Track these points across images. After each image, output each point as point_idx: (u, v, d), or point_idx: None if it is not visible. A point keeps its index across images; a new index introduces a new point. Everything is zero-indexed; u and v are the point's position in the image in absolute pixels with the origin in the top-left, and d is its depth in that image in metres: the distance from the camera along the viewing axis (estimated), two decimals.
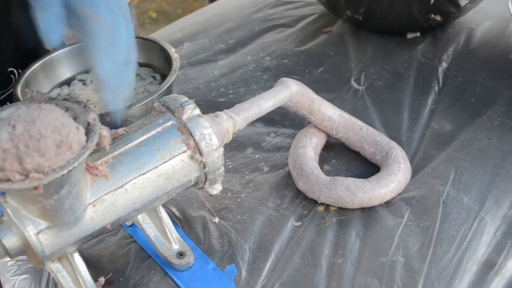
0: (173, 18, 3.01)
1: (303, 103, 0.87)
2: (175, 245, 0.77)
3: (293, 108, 0.88)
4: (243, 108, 0.80)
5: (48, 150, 0.58)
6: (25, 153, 0.58)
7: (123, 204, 0.69)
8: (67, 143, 0.60)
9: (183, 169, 0.72)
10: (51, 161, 0.59)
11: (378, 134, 0.89)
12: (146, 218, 0.77)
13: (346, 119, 0.90)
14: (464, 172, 0.85)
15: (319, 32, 1.22)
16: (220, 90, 1.08)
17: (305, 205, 0.83)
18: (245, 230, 0.80)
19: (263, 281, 0.74)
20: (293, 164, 0.86)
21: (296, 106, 0.87)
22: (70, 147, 0.60)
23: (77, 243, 0.68)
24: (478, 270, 0.73)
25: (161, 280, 0.76)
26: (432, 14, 1.10)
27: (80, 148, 0.61)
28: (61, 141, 0.59)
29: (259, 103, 0.82)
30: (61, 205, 0.63)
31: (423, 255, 0.75)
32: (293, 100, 0.85)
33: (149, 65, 1.02)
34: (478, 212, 0.80)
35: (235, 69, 1.13)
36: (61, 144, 0.59)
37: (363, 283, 0.72)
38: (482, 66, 1.06)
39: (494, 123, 0.93)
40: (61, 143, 0.59)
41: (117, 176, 0.68)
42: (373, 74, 1.08)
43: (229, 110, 0.80)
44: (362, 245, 0.77)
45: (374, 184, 0.81)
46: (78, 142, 0.61)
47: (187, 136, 0.72)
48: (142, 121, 0.74)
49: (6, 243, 0.65)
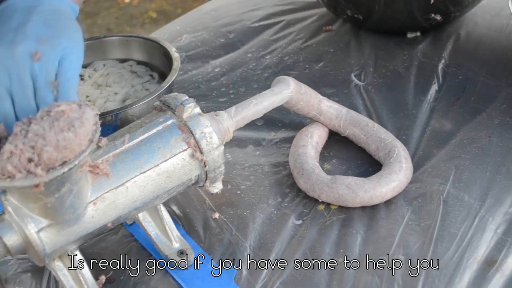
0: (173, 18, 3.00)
1: (312, 103, 0.88)
2: (175, 243, 0.77)
3: (303, 111, 0.89)
4: (243, 106, 0.80)
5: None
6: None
7: (124, 202, 0.69)
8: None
9: (183, 168, 0.72)
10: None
11: (384, 131, 0.89)
12: (147, 217, 0.77)
13: (353, 115, 0.92)
14: (465, 170, 0.86)
15: (319, 31, 1.22)
16: (221, 90, 1.08)
17: (306, 204, 0.83)
18: (245, 228, 0.80)
19: (263, 280, 0.74)
20: (294, 163, 0.86)
21: (307, 107, 0.88)
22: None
23: (78, 241, 0.68)
24: (479, 268, 0.73)
25: (161, 279, 0.76)
26: (432, 13, 1.10)
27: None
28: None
29: (259, 102, 0.82)
30: (62, 203, 0.63)
31: (423, 253, 0.75)
32: (303, 100, 0.87)
33: (147, 63, 1.02)
34: (478, 210, 0.80)
35: (236, 68, 1.13)
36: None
37: (364, 281, 0.72)
38: (482, 65, 1.06)
39: (494, 122, 0.93)
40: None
41: (118, 175, 0.68)
42: (373, 73, 1.08)
43: (229, 108, 0.80)
44: (363, 243, 0.77)
45: (375, 183, 0.81)
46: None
47: (187, 135, 0.72)
48: (142, 120, 0.74)
49: (7, 241, 0.65)
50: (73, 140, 0.60)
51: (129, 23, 3.24)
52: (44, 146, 0.59)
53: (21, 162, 0.58)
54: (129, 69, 1.01)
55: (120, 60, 1.03)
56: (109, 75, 0.99)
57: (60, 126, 0.60)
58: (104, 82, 0.98)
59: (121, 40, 1.03)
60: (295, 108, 0.89)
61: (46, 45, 0.67)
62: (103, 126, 0.65)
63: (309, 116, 0.91)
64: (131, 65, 1.02)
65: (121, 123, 0.85)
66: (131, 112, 0.86)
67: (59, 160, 0.59)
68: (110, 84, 0.98)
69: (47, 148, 0.58)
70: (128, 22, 3.25)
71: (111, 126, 0.85)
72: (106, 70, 1.00)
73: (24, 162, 0.58)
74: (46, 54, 0.66)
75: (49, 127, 0.60)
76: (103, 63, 1.02)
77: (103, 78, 0.99)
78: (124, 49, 1.04)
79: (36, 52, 0.66)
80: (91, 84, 0.98)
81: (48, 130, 0.60)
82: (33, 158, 0.58)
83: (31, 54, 0.66)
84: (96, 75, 0.99)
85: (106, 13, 3.33)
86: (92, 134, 0.62)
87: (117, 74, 0.99)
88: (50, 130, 0.60)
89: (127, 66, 1.02)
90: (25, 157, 0.58)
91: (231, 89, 1.08)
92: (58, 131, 0.60)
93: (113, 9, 3.38)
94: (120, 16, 3.31)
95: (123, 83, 0.98)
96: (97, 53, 1.03)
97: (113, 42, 1.04)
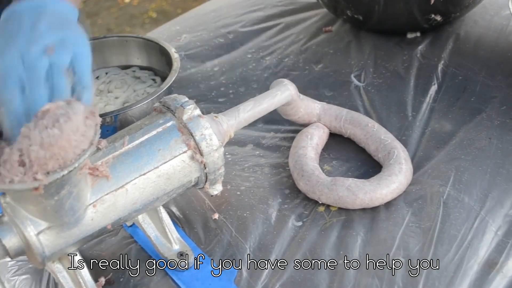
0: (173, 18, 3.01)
1: (312, 108, 0.92)
2: (175, 245, 0.77)
3: (305, 119, 0.92)
4: (243, 108, 0.80)
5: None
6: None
7: (124, 204, 0.69)
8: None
9: (183, 170, 0.72)
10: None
11: (384, 132, 0.89)
12: (147, 219, 0.76)
13: (353, 115, 0.92)
14: (465, 172, 0.85)
15: (319, 31, 1.21)
16: (220, 90, 1.08)
17: (306, 205, 0.83)
18: (245, 229, 0.80)
19: (263, 281, 0.74)
20: (294, 165, 0.86)
21: (307, 115, 0.92)
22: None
23: (77, 244, 0.68)
24: (479, 270, 0.73)
25: (161, 281, 0.76)
26: (432, 14, 1.10)
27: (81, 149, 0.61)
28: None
29: (259, 103, 0.82)
30: (62, 205, 0.63)
31: (424, 255, 0.75)
32: (302, 107, 0.90)
33: (150, 68, 1.02)
34: (479, 212, 0.80)
35: (235, 67, 1.13)
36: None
37: (364, 283, 0.72)
38: (482, 65, 1.06)
39: (494, 123, 0.93)
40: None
41: (117, 177, 0.68)
42: (373, 73, 1.08)
43: (229, 110, 0.80)
44: (363, 245, 0.77)
45: (375, 185, 0.81)
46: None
47: (187, 137, 0.72)
48: (142, 121, 0.74)
49: (7, 243, 0.65)
50: (58, 136, 0.59)
51: (129, 23, 3.24)
52: (30, 146, 0.58)
53: (13, 165, 0.58)
54: (132, 74, 1.01)
55: (122, 66, 1.03)
56: (111, 82, 0.99)
57: (44, 124, 0.59)
58: (106, 88, 0.98)
59: (120, 40, 1.03)
60: (296, 117, 0.91)
61: (59, 42, 0.68)
62: (102, 128, 0.65)
63: (310, 123, 0.92)
64: (134, 71, 1.02)
65: (121, 125, 0.85)
66: (131, 114, 0.86)
67: (49, 158, 0.58)
68: (112, 90, 0.98)
69: (32, 148, 0.58)
70: (128, 22, 3.25)
71: (110, 127, 0.85)
72: (108, 77, 1.01)
73: (15, 165, 0.58)
74: (59, 49, 0.67)
75: (34, 126, 0.60)
76: (105, 71, 1.02)
77: (105, 85, 0.99)
78: (124, 50, 1.03)
79: (49, 47, 0.67)
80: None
81: (32, 129, 0.59)
82: (24, 161, 0.58)
83: (45, 50, 0.67)
84: (98, 82, 0.99)
85: (106, 13, 3.33)
86: (92, 136, 0.62)
87: (120, 81, 1.00)
88: (34, 129, 0.59)
89: (130, 72, 1.02)
90: (14, 160, 0.58)
91: (230, 89, 1.08)
92: (42, 128, 0.59)
93: (113, 9, 3.37)
94: (120, 16, 3.31)
95: (124, 88, 0.98)
96: (97, 53, 1.03)
97: (113, 43, 1.03)
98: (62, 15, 0.72)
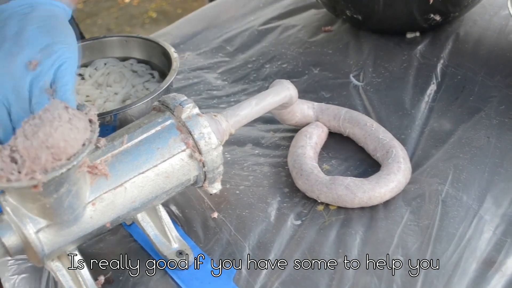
0: (173, 18, 3.01)
1: (308, 114, 0.92)
2: (174, 244, 0.77)
3: (302, 122, 0.93)
4: (243, 107, 0.80)
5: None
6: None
7: (123, 202, 0.69)
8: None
9: (182, 168, 0.73)
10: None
11: (383, 131, 0.90)
12: (146, 217, 0.77)
13: (352, 114, 0.92)
14: (463, 170, 0.86)
15: (318, 31, 1.22)
16: (222, 98, 1.07)
17: (305, 204, 0.83)
18: (244, 228, 0.80)
19: (263, 280, 0.74)
20: (293, 164, 0.86)
21: (304, 118, 0.93)
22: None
23: (76, 242, 0.68)
24: (478, 268, 0.73)
25: (160, 279, 0.76)
26: (431, 14, 1.10)
27: (80, 147, 0.61)
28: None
29: (259, 102, 0.82)
30: (61, 203, 0.63)
31: (422, 254, 0.75)
32: (298, 112, 0.91)
33: (148, 62, 1.02)
34: (477, 211, 0.80)
35: (237, 80, 1.12)
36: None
37: (363, 282, 0.72)
38: (481, 65, 1.06)
39: (492, 122, 0.94)
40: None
41: (116, 175, 0.68)
42: (372, 73, 1.08)
43: (229, 109, 0.80)
44: (362, 244, 0.77)
45: (373, 184, 0.81)
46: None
47: (186, 135, 0.72)
48: (141, 120, 0.74)
49: (6, 241, 0.65)
50: (40, 124, 0.59)
51: (129, 23, 3.24)
52: (16, 139, 0.59)
53: (4, 161, 0.58)
54: (130, 67, 1.01)
55: (120, 58, 1.03)
56: (110, 74, 0.99)
57: (29, 122, 0.61)
58: (105, 82, 0.98)
59: (120, 40, 1.03)
60: (293, 122, 0.91)
61: (42, 53, 0.68)
62: (102, 127, 0.66)
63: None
64: (132, 64, 1.02)
65: (120, 124, 0.85)
66: (130, 112, 0.86)
67: (38, 149, 0.58)
68: (111, 83, 0.98)
69: (18, 140, 0.59)
70: (128, 22, 3.25)
71: (110, 126, 0.85)
72: (107, 69, 1.00)
73: (7, 160, 0.58)
74: (41, 62, 0.67)
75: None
76: (104, 62, 1.02)
77: (104, 78, 0.99)
78: (124, 50, 1.04)
79: (31, 61, 0.67)
80: (91, 84, 0.98)
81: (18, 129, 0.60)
82: (15, 157, 0.58)
83: (26, 64, 0.67)
84: (97, 74, 0.99)
85: (106, 13, 3.34)
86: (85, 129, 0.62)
87: (118, 73, 0.99)
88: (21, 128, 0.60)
89: (128, 64, 1.02)
90: (5, 155, 0.58)
91: (232, 98, 1.07)
92: (24, 123, 0.60)
93: (113, 9, 3.38)
94: (120, 16, 3.31)
95: (123, 82, 0.98)
96: (97, 53, 1.03)
97: (113, 42, 1.03)
98: (51, 18, 0.71)
